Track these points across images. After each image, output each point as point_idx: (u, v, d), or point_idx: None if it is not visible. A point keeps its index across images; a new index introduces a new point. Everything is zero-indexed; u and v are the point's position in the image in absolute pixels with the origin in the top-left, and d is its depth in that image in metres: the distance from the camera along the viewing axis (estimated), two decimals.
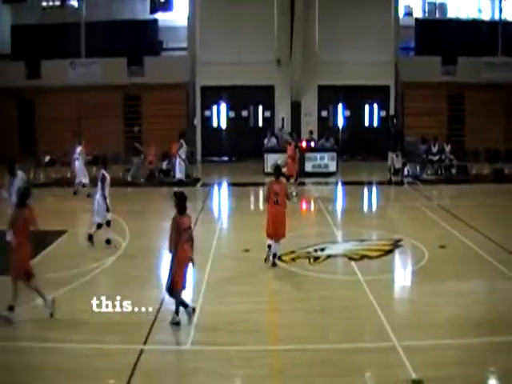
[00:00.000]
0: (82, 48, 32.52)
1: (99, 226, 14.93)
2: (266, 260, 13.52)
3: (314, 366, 8.61)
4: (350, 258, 13.82)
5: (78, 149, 22.86)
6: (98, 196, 14.86)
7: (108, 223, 14.98)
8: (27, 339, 9.52)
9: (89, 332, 9.79)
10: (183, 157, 20.51)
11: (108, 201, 14.85)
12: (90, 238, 14.94)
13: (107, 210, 14.81)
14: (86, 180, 22.73)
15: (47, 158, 28.79)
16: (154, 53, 32.82)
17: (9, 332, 9.78)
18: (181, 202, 10.20)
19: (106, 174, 14.98)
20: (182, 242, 9.92)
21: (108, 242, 14.89)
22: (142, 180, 25.27)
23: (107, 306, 10.91)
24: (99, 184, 14.90)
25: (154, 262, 13.65)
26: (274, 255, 13.46)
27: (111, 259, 13.89)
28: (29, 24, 33.33)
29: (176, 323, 9.93)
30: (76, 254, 14.46)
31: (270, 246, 13.60)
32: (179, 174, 20.64)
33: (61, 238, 16.02)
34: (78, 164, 22.80)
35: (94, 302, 11.16)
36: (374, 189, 24.91)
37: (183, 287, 10.16)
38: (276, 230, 13.46)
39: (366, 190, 24.67)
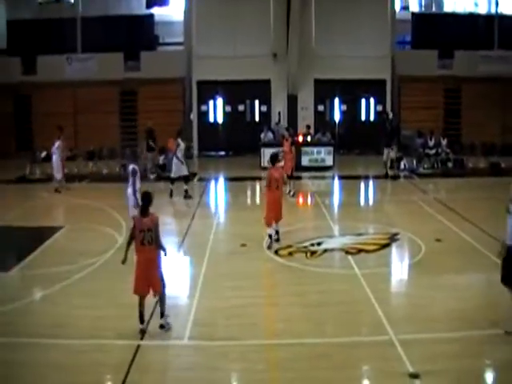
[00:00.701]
0: (78, 43, 32.46)
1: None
2: (269, 247, 14.09)
3: (311, 360, 8.62)
4: (347, 252, 13.83)
5: (57, 143, 22.89)
6: (130, 190, 14.69)
7: None
8: (23, 335, 9.48)
9: (85, 327, 9.79)
10: (179, 156, 20.40)
11: (138, 195, 14.45)
12: None
13: (136, 204, 14.51)
14: (59, 175, 22.69)
15: (43, 154, 28.68)
16: (150, 47, 32.75)
17: (5, 328, 9.77)
18: (143, 202, 9.73)
19: (136, 168, 14.94)
20: (137, 243, 9.51)
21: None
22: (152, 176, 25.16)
23: (104, 302, 10.98)
24: (130, 179, 14.73)
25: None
26: (277, 231, 14.56)
27: (108, 254, 13.87)
28: (25, 19, 33.26)
29: (140, 331, 9.50)
30: (73, 250, 14.43)
31: (271, 236, 14.22)
32: (173, 174, 20.50)
33: (57, 234, 16.00)
34: (55, 159, 22.79)
35: (91, 297, 11.23)
36: (371, 183, 24.91)
37: (141, 294, 9.61)
38: (278, 214, 14.41)
39: (362, 184, 24.72)
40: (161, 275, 9.74)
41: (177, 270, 12.63)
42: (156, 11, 33.11)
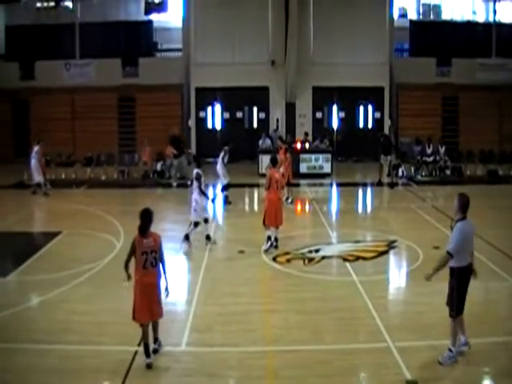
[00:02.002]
0: (77, 49, 32.52)
1: (196, 224, 14.87)
2: (266, 250, 14.28)
3: (309, 367, 8.61)
4: (345, 259, 13.84)
5: (35, 148, 23.02)
6: (195, 194, 14.76)
7: (206, 220, 15.19)
8: (20, 341, 9.46)
9: (83, 333, 9.78)
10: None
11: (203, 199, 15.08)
12: (187, 237, 14.84)
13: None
14: (40, 179, 22.93)
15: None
16: (148, 54, 32.82)
17: (2, 333, 9.75)
18: (142, 220, 8.83)
19: (201, 172, 15.02)
20: (139, 267, 8.73)
21: (208, 237, 15.10)
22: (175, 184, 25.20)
23: (101, 307, 10.96)
24: (195, 183, 14.82)
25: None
26: (276, 239, 14.62)
27: (106, 260, 13.86)
28: (23, 25, 33.27)
29: (147, 365, 8.69)
30: (70, 255, 14.43)
31: (270, 238, 14.39)
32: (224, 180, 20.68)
33: (55, 239, 15.98)
34: (34, 163, 22.89)
35: (89, 303, 11.22)
36: (369, 190, 24.94)
37: (143, 322, 8.90)
38: (278, 217, 14.59)
39: (360, 192, 24.72)
40: (160, 299, 9.02)
41: (175, 276, 12.60)
42: (154, 18, 33.14)
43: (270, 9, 30.89)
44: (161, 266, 8.86)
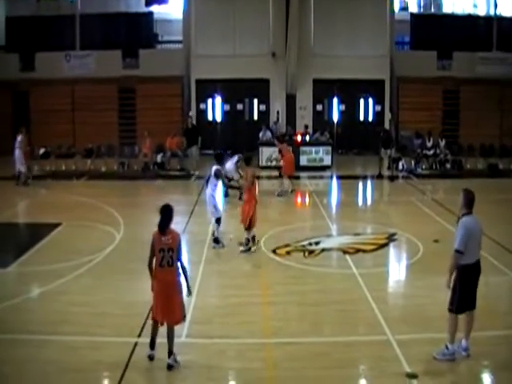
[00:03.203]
0: (77, 40, 32.45)
1: (218, 220, 14.52)
2: (249, 249, 13.95)
3: (308, 359, 8.62)
4: (345, 252, 13.84)
5: (19, 138, 23.22)
6: (212, 191, 14.51)
7: (218, 220, 14.68)
8: (20, 332, 9.47)
9: (83, 325, 9.78)
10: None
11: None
12: (217, 240, 14.46)
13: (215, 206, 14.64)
14: (23, 168, 23.06)
15: (42, 151, 28.68)
16: (148, 46, 32.73)
17: (2, 325, 9.76)
18: (162, 217, 8.58)
19: (220, 169, 14.89)
20: (156, 264, 8.49)
21: (216, 241, 14.50)
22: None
23: (101, 299, 10.97)
24: (214, 179, 14.58)
25: (149, 255, 13.58)
26: (254, 237, 14.16)
27: (105, 252, 13.88)
28: (23, 16, 33.22)
29: (149, 357, 8.59)
30: (71, 247, 14.44)
31: (254, 238, 14.05)
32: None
33: (55, 231, 15.98)
34: (18, 153, 23.08)
35: (88, 294, 11.23)
36: (369, 183, 24.94)
37: (160, 321, 8.62)
38: (256, 216, 14.10)
39: (360, 184, 24.71)
40: (182, 302, 8.63)
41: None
42: (155, 9, 33.08)
43: (271, 1, 30.81)
44: (179, 265, 8.54)
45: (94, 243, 14.63)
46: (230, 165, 20.36)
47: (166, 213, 8.56)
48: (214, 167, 14.69)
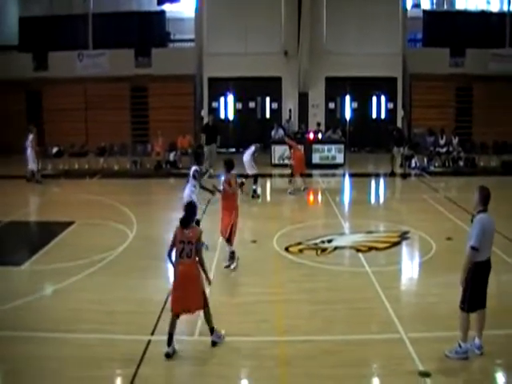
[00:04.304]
0: (90, 39, 32.57)
1: (198, 222, 13.94)
2: (234, 267, 12.68)
3: (321, 357, 8.63)
4: (358, 250, 13.83)
5: (30, 137, 23.45)
6: (190, 192, 13.69)
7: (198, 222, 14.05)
8: (34, 329, 9.54)
9: (96, 322, 9.85)
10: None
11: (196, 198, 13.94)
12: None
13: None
14: (34, 166, 23.36)
15: (55, 150, 28.82)
16: (161, 44, 32.78)
17: (16, 322, 9.84)
18: (186, 213, 9.11)
19: (199, 170, 14.35)
20: (176, 256, 8.86)
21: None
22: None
23: (114, 297, 11.02)
24: (192, 180, 13.92)
25: (161, 253, 13.62)
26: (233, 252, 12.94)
27: (118, 250, 13.94)
28: (36, 16, 33.38)
29: (166, 354, 8.72)
30: (83, 245, 14.52)
31: (234, 253, 12.79)
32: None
33: (68, 229, 16.07)
34: (29, 151, 23.32)
35: (102, 292, 11.29)
36: (382, 181, 24.86)
37: (178, 313, 8.95)
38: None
39: (373, 182, 24.63)
40: (202, 291, 8.97)
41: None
42: (167, 8, 33.16)
43: None
44: (197, 258, 8.85)
45: (107, 241, 14.69)
46: (246, 156, 20.40)
47: (190, 209, 9.18)
48: (193, 167, 14.17)
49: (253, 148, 20.53)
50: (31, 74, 32.04)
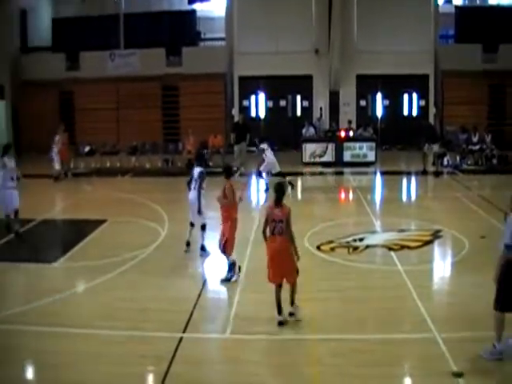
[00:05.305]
0: (121, 39, 32.91)
1: (204, 227, 13.67)
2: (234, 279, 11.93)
3: (352, 356, 8.55)
4: (390, 249, 13.71)
5: (56, 138, 23.73)
6: (196, 194, 13.52)
7: (193, 224, 13.90)
8: (67, 325, 9.64)
9: (128, 320, 9.89)
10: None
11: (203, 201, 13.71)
12: (203, 247, 13.64)
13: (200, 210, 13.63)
14: (57, 166, 23.66)
15: (87, 148, 29.14)
16: (191, 43, 32.97)
17: (50, 318, 9.95)
18: (276, 193, 9.83)
19: (204, 171, 13.89)
20: (269, 233, 9.73)
21: (189, 244, 13.79)
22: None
23: (146, 294, 11.08)
24: (196, 183, 13.65)
25: (193, 251, 13.70)
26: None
27: (150, 248, 14.01)
28: (68, 16, 33.81)
29: (279, 323, 9.53)
30: (115, 243, 14.67)
31: (234, 263, 12.07)
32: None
33: (101, 227, 16.22)
34: (54, 152, 23.65)
35: (134, 290, 11.35)
36: (414, 179, 24.64)
37: (275, 282, 9.77)
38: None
39: (405, 180, 24.42)
40: (289, 264, 9.75)
41: (219, 263, 12.63)
42: (198, 7, 33.33)
43: None
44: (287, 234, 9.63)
45: (139, 239, 14.78)
46: (270, 155, 20.50)
47: (280, 189, 9.92)
48: (198, 169, 13.81)
49: (267, 145, 20.64)
50: (64, 74, 32.55)
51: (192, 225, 13.81)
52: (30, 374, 8.60)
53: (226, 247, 11.83)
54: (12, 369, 8.44)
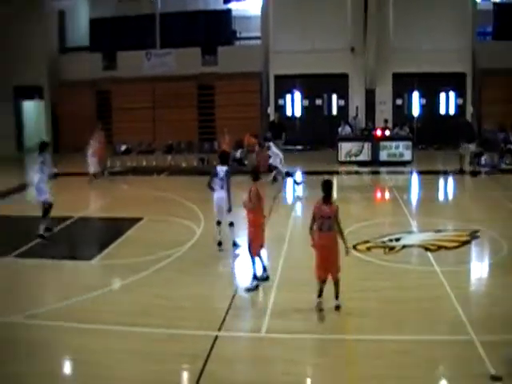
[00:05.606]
0: (157, 39, 33.12)
1: (232, 223, 13.92)
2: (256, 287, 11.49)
3: (390, 357, 8.46)
4: (426, 249, 13.55)
5: (92, 139, 23.95)
6: (225, 193, 13.81)
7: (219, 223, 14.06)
8: (104, 322, 9.75)
9: (164, 317, 9.97)
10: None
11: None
12: (235, 243, 13.87)
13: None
14: (91, 168, 23.57)
15: (123, 147, 29.41)
16: (227, 42, 33.03)
17: (88, 315, 10.07)
18: (325, 191, 10.15)
19: (229, 170, 14.12)
20: (317, 230, 9.97)
21: (221, 244, 13.94)
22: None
23: (182, 292, 11.14)
24: (223, 181, 13.90)
25: (229, 250, 13.73)
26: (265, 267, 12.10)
27: (185, 247, 14.08)
28: (105, 17, 34.17)
29: (318, 304, 10.15)
30: (152, 241, 14.77)
31: (262, 269, 11.83)
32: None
33: (137, 225, 16.37)
34: (90, 154, 23.65)
35: (169, 287, 11.42)
36: (450, 178, 24.32)
37: (321, 279, 10.12)
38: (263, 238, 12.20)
39: (441, 180, 24.11)
40: (336, 259, 10.09)
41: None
42: (233, 6, 33.36)
43: None
44: (337, 230, 10.01)
45: (175, 237, 14.89)
46: (274, 149, 21.00)
47: (328, 187, 10.19)
48: (224, 168, 13.97)
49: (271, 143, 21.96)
50: (101, 73, 32.86)
51: (219, 223, 13.95)
52: (67, 369, 8.75)
53: (250, 249, 11.69)
54: (50, 364, 8.59)
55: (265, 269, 11.82)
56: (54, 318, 9.99)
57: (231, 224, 13.86)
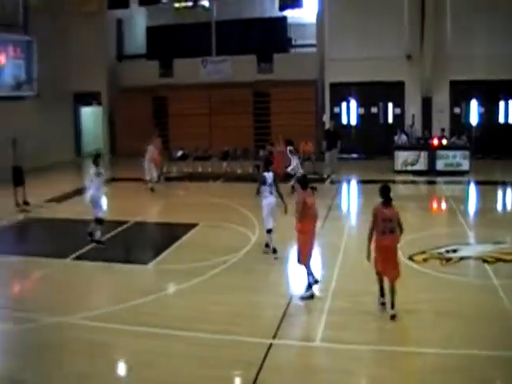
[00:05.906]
0: (213, 46, 33.47)
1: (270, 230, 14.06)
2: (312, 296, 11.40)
3: (446, 373, 8.24)
4: (484, 261, 13.27)
5: (149, 146, 23.77)
6: (274, 198, 13.92)
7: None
8: (160, 326, 9.88)
9: (219, 323, 10.02)
10: None
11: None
12: (275, 250, 14.00)
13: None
14: (147, 176, 23.38)
15: (179, 153, 29.74)
16: (282, 50, 33.12)
17: (144, 318, 10.21)
18: (383, 195, 10.40)
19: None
20: (378, 232, 10.15)
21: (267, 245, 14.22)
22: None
23: (237, 299, 11.17)
24: (268, 187, 13.87)
25: (285, 257, 13.71)
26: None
27: (242, 253, 14.12)
28: (162, 25, 34.74)
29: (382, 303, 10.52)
30: (207, 246, 14.89)
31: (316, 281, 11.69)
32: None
33: (193, 230, 16.51)
34: (146, 162, 23.53)
35: (225, 293, 11.47)
36: (510, 189, 23.79)
37: (380, 274, 10.51)
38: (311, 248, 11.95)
39: (500, 190, 23.58)
40: (396, 263, 10.33)
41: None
42: (289, 14, 33.42)
43: (406, 2, 30.22)
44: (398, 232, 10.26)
45: (230, 244, 14.96)
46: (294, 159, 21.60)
47: (386, 191, 10.44)
48: (271, 174, 13.92)
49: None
50: (158, 80, 33.40)
51: (269, 231, 14.08)
52: (122, 371, 8.90)
53: (299, 258, 11.54)
54: (105, 366, 8.76)
55: (315, 282, 11.60)
56: (110, 321, 10.18)
57: (269, 231, 14.02)
